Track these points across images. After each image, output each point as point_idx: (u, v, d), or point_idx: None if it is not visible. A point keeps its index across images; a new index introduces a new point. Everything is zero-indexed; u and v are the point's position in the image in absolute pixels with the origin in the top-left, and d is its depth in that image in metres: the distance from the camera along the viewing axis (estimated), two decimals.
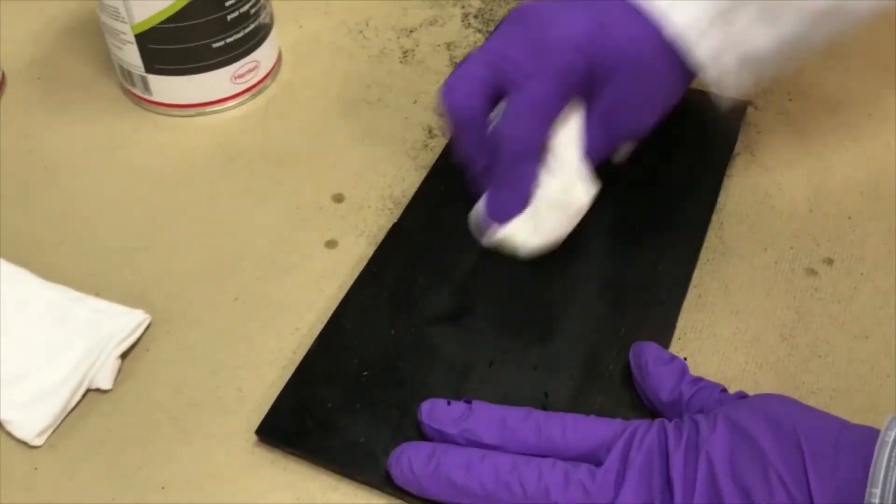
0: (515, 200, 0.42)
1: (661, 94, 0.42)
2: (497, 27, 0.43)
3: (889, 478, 0.29)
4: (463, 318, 0.41)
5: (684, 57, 0.40)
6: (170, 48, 0.50)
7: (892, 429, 0.30)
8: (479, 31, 0.58)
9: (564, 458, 0.34)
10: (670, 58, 0.40)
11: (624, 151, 0.46)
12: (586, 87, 0.41)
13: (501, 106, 0.42)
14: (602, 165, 0.44)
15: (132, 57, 0.51)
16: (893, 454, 0.29)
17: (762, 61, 0.42)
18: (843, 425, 0.32)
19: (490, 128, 0.42)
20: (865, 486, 0.29)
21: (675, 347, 0.41)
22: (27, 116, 0.54)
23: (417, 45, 0.58)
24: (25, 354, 0.40)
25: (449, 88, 0.42)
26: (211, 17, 0.49)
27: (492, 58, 0.41)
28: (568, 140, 0.42)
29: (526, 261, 0.43)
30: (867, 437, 0.30)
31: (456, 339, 0.40)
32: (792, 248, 0.45)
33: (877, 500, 0.29)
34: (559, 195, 0.41)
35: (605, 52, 0.40)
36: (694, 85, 0.44)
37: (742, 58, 0.41)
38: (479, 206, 0.44)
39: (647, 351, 0.38)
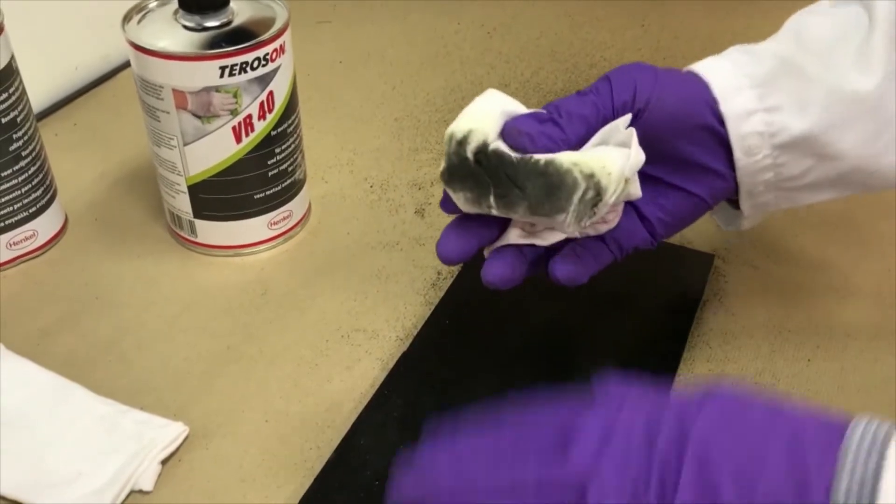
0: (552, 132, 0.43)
1: (699, 162, 0.46)
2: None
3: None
4: None
5: (726, 135, 0.45)
6: (217, 197, 0.57)
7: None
8: None
9: None
10: (712, 125, 0.45)
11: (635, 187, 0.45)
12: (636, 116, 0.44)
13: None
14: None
15: (183, 204, 0.58)
16: None
17: (793, 188, 0.47)
18: None
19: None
20: None
21: None
22: (84, 254, 0.61)
23: (429, 199, 0.66)
24: (77, 459, 0.46)
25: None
26: (255, 173, 0.57)
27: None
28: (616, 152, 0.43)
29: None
30: None
31: None
32: (755, 384, 0.51)
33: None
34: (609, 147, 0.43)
35: (654, 89, 0.44)
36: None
37: (775, 159, 0.45)
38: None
39: None
